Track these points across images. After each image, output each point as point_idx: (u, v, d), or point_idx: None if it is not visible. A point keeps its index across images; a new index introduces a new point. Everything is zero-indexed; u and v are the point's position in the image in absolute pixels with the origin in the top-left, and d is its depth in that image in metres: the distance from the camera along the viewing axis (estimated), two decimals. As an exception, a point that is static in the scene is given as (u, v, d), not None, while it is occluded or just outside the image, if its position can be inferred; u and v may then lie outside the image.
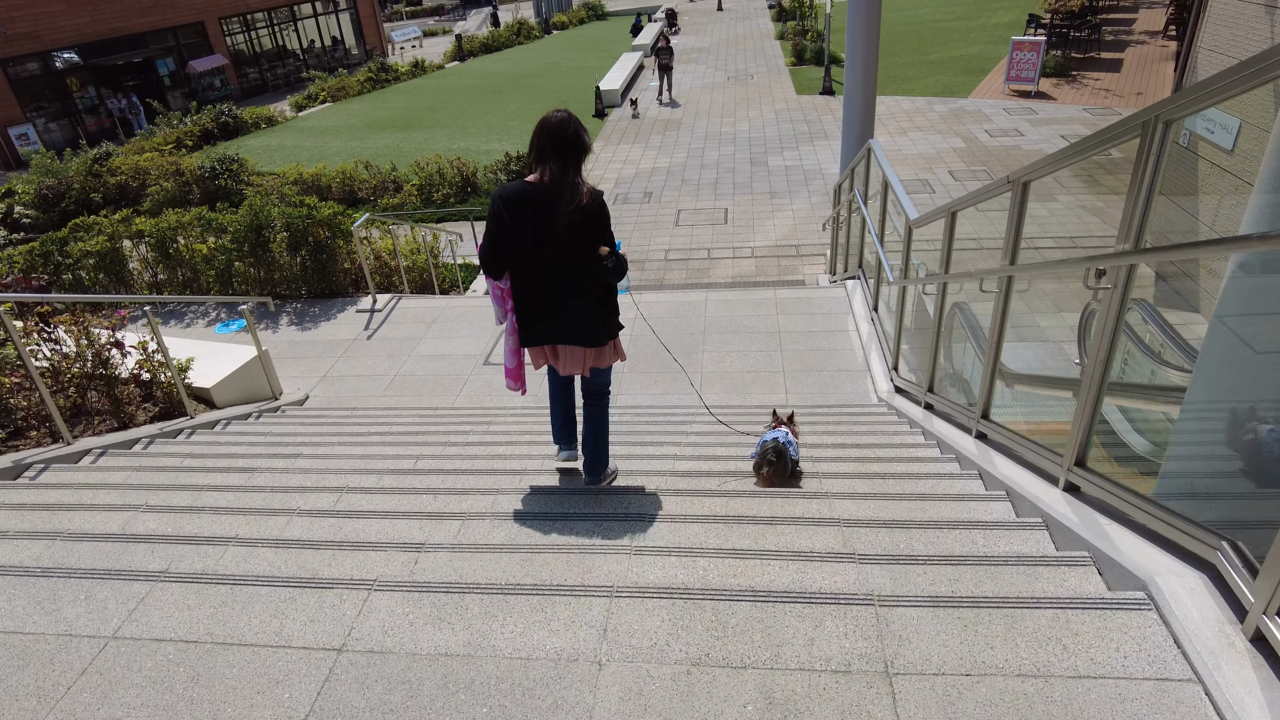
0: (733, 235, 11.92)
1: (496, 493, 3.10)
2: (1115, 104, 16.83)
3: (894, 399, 5.42)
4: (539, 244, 2.85)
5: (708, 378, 6.10)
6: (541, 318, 3.01)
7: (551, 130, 2.86)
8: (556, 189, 2.82)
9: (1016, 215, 3.20)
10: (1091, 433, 2.62)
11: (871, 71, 8.55)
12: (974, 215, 4.39)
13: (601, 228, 2.92)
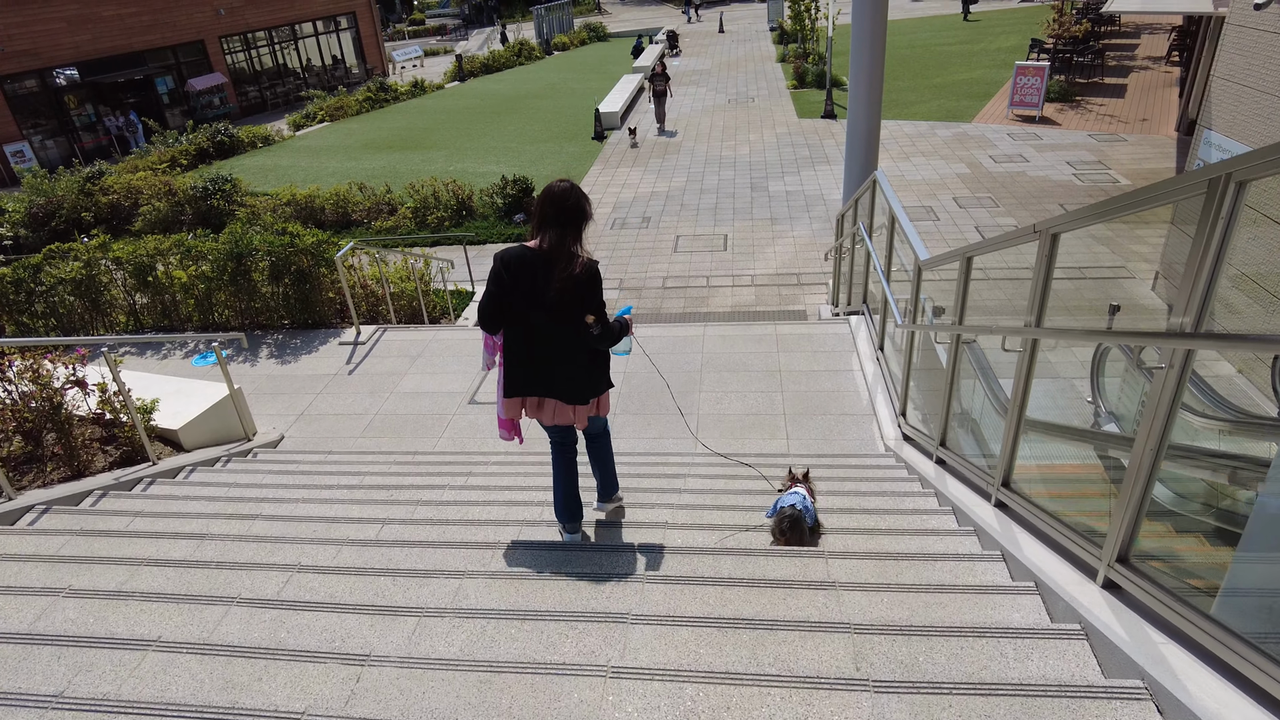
0: (732, 262, 11.64)
1: (462, 577, 2.77)
2: (1120, 130, 16.63)
3: (902, 449, 5.09)
4: (534, 306, 3.02)
5: (704, 420, 5.78)
6: (531, 373, 3.16)
7: (554, 199, 3.01)
8: (554, 256, 2.98)
9: (1044, 270, 2.88)
10: (1138, 526, 2.29)
11: (876, 98, 8.30)
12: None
13: (592, 297, 3.05)
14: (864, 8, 7.78)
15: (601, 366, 3.26)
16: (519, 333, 3.11)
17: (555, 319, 3.03)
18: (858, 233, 7.00)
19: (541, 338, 3.08)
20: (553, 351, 3.11)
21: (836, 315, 8.67)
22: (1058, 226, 2.78)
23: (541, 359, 3.12)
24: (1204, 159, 8.88)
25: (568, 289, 2.97)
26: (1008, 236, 3.33)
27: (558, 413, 3.22)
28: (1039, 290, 2.92)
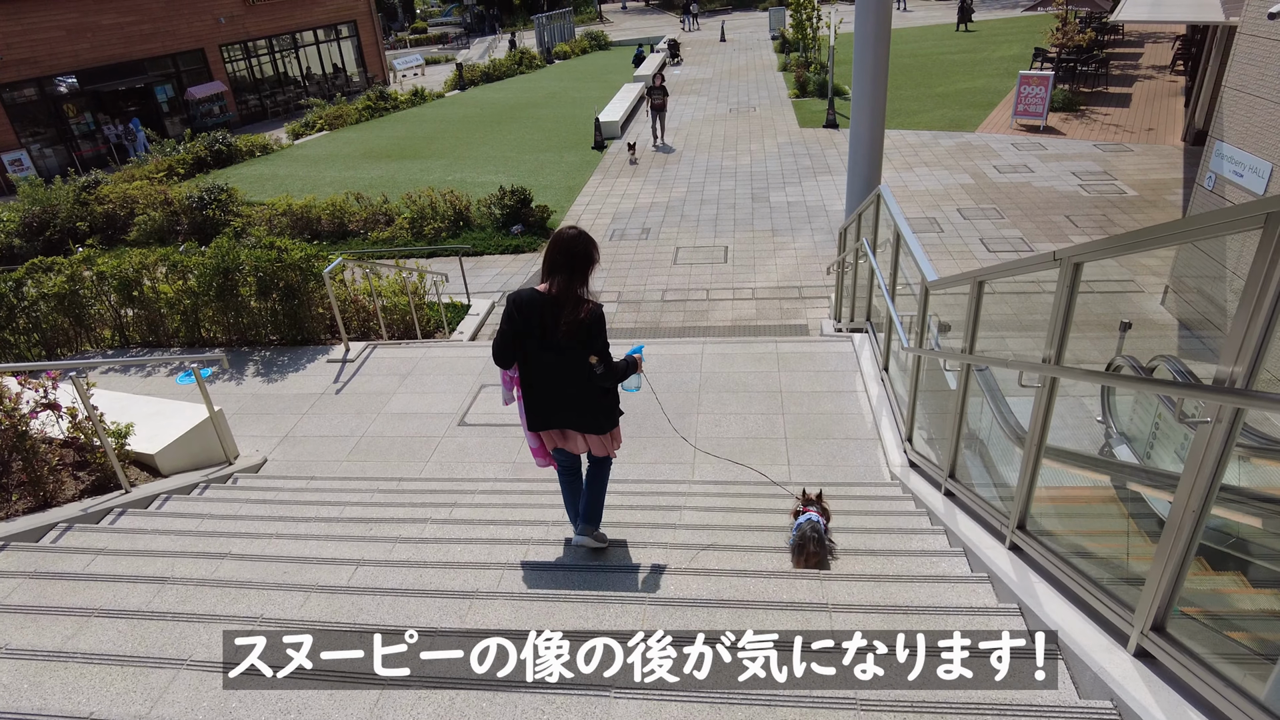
0: (733, 275, 11.44)
1: (434, 635, 2.54)
2: (1126, 140, 16.43)
3: (909, 476, 4.87)
4: (543, 346, 3.21)
5: (702, 443, 5.55)
6: (546, 406, 3.37)
7: (563, 246, 3.16)
8: (562, 300, 3.15)
9: (1065, 302, 2.66)
10: (1176, 591, 2.07)
11: (879, 109, 8.10)
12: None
13: (596, 339, 3.20)
14: (867, 18, 7.59)
15: (611, 400, 3.42)
16: (531, 370, 3.30)
17: (563, 357, 3.22)
18: (861, 248, 6.79)
19: (552, 375, 3.28)
20: (564, 387, 3.31)
21: (839, 331, 8.46)
22: (1081, 255, 2.56)
23: (555, 394, 3.33)
24: (1215, 171, 8.67)
25: (573, 332, 3.14)
26: (1024, 263, 3.11)
27: (579, 442, 3.47)
28: (1059, 324, 2.70)
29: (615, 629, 2.62)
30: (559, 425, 3.41)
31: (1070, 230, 12.00)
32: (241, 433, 6.30)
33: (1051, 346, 2.76)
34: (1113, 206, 12.86)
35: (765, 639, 2.38)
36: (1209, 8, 9.72)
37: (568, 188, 15.85)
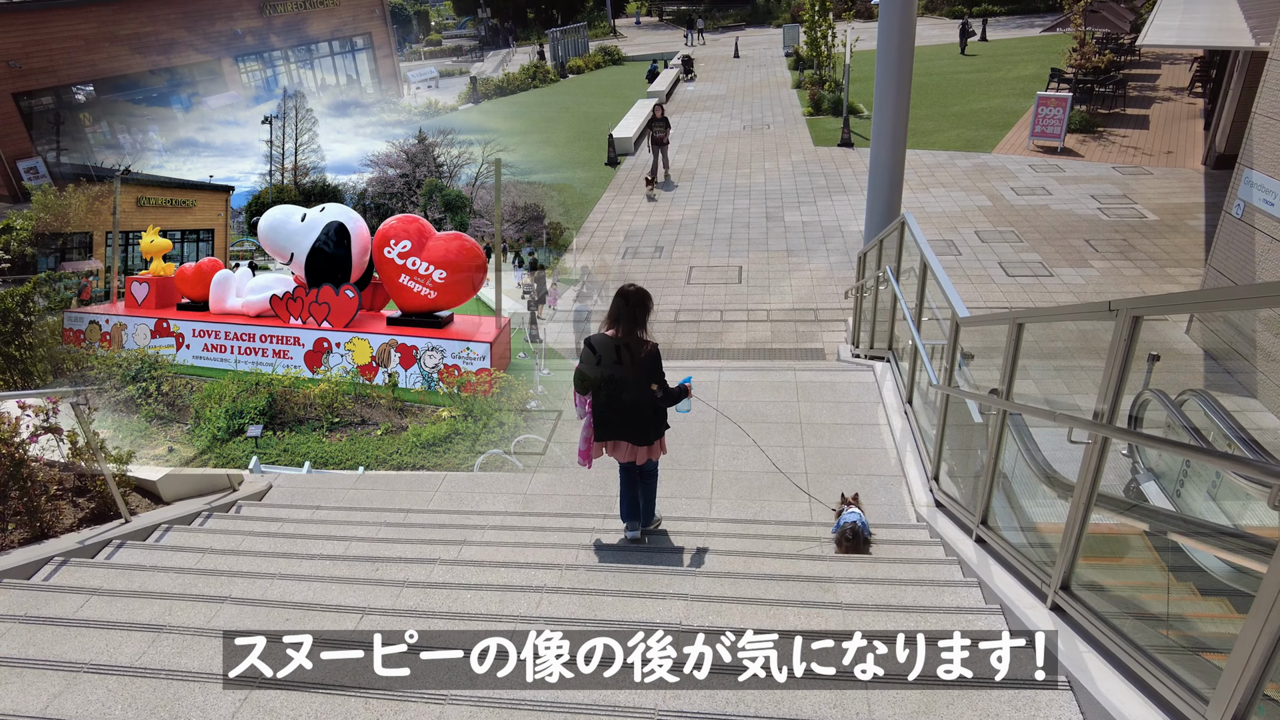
0: (747, 296, 11.28)
1: (444, 703, 2.37)
2: (1145, 163, 16.25)
3: (936, 518, 4.68)
4: (612, 377, 4.10)
5: (719, 478, 5.38)
6: (611, 423, 4.24)
7: (625, 299, 4.10)
8: (628, 342, 4.08)
9: (1122, 356, 2.48)
10: (1260, 688, 1.88)
11: (900, 132, 7.95)
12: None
13: (656, 372, 4.17)
14: (890, 41, 7.45)
15: (661, 418, 4.29)
16: (602, 395, 4.17)
17: (629, 389, 4.13)
18: (883, 275, 6.62)
19: (619, 399, 4.16)
20: (626, 408, 4.18)
21: (857, 356, 8.28)
22: (1142, 308, 2.38)
23: (618, 413, 4.20)
24: (1245, 199, 8.47)
25: (638, 367, 4.07)
26: (1074, 310, 2.95)
27: (629, 451, 4.29)
28: (1113, 379, 2.52)
29: (629, 706, 2.45)
30: (616, 438, 4.27)
31: (1090, 255, 11.81)
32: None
33: (1105, 402, 2.58)
34: (1133, 231, 12.66)
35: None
36: (1236, 33, 9.56)
37: (581, 204, 15.76)
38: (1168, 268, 11.34)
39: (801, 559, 3.80)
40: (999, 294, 10.70)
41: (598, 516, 4.80)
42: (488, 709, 2.45)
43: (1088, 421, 2.65)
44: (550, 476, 5.50)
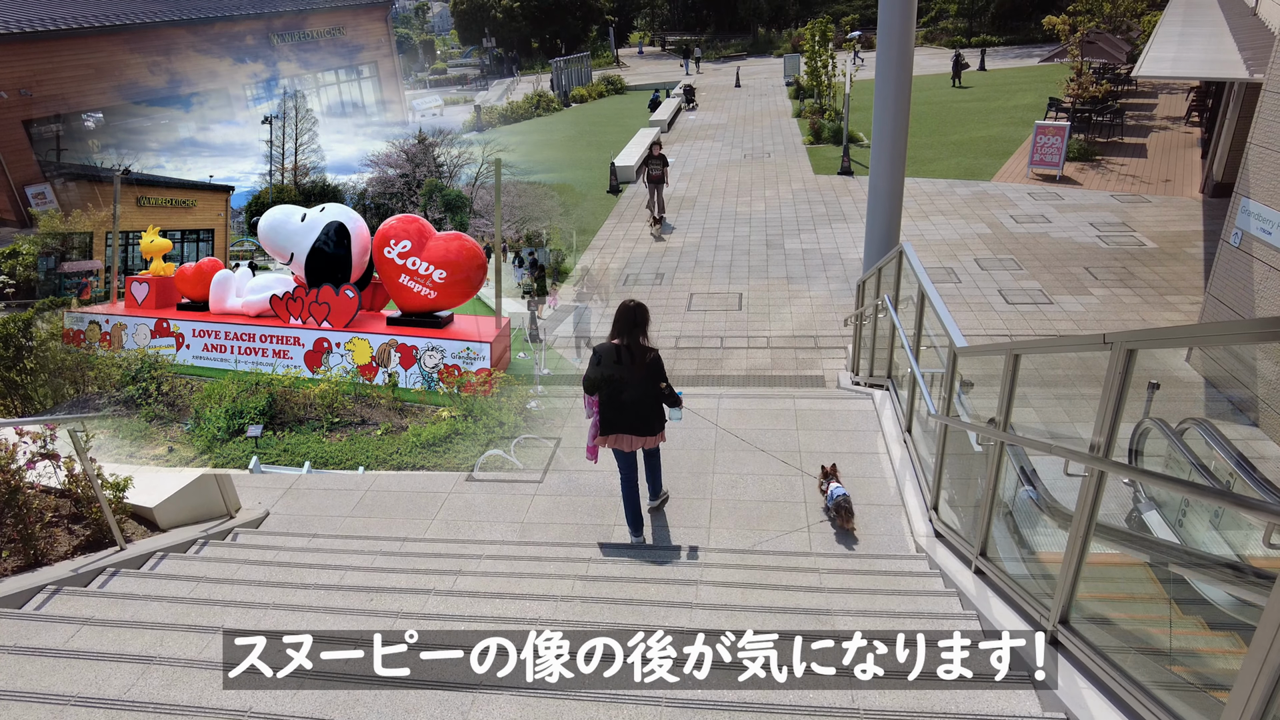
0: (747, 323, 11.30)
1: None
2: (1144, 191, 16.35)
3: (935, 549, 4.65)
4: (618, 382, 4.75)
5: (718, 507, 5.35)
6: (616, 419, 4.83)
7: (627, 314, 4.82)
8: (632, 348, 4.76)
9: (1117, 389, 2.48)
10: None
11: (899, 162, 8.03)
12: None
13: (659, 374, 4.85)
14: (889, 73, 7.55)
15: (661, 413, 4.94)
16: (607, 395, 4.81)
17: (635, 388, 4.78)
18: (882, 303, 6.64)
19: (621, 398, 4.79)
20: (632, 406, 4.81)
21: (857, 384, 8.27)
22: (1136, 341, 2.39)
23: (622, 410, 4.81)
24: (1242, 228, 8.51)
25: (643, 370, 4.76)
26: (1068, 341, 2.95)
27: (631, 443, 4.89)
28: (1109, 411, 2.51)
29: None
30: (622, 431, 4.85)
31: (1090, 282, 11.84)
32: (245, 484, 6.15)
33: (1101, 434, 2.57)
34: (1132, 259, 12.70)
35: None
36: (1231, 64, 9.67)
37: (582, 231, 15.87)
38: (1167, 295, 11.36)
39: (799, 590, 3.77)
40: (999, 322, 10.71)
41: (593, 546, 4.77)
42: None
43: (1084, 455, 2.65)
44: (548, 504, 5.48)
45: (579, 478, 5.78)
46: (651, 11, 65.10)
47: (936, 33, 46.82)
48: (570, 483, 5.72)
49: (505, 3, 49.81)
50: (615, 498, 5.47)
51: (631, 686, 2.70)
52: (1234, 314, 8.61)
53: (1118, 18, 22.66)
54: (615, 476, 5.68)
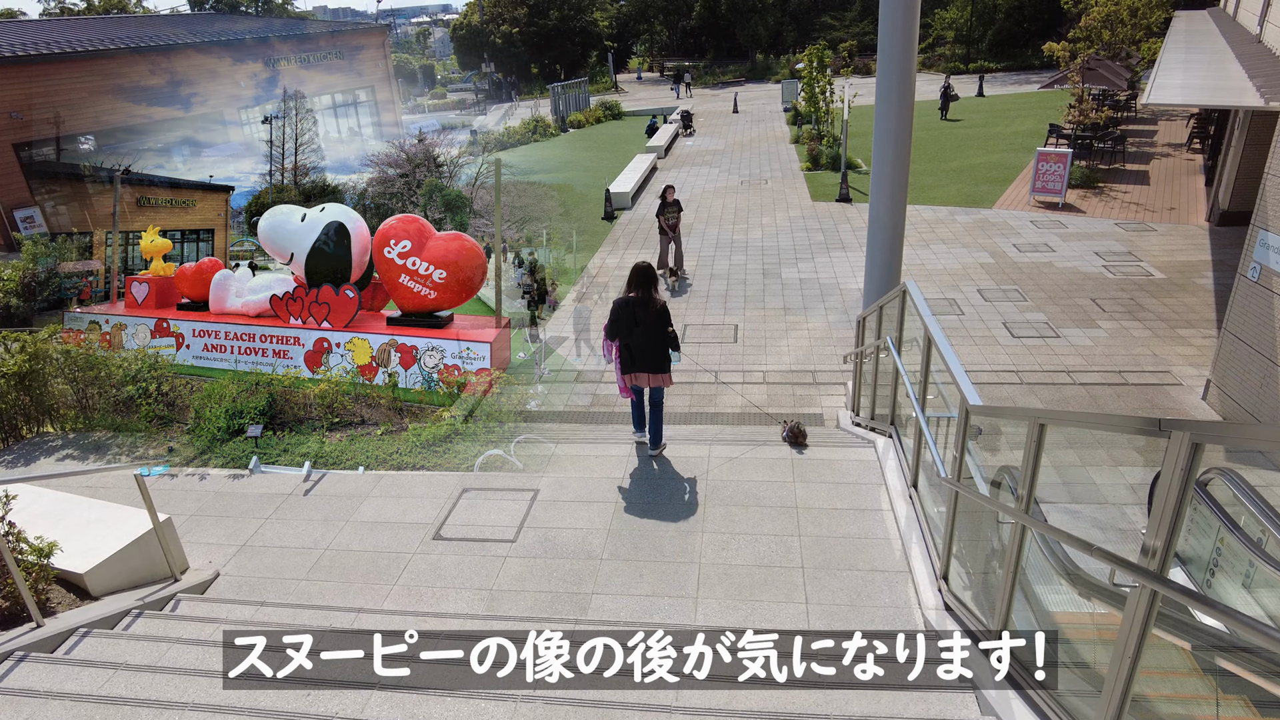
0: (743, 356, 10.87)
1: None
2: (1148, 219, 16.01)
3: (946, 623, 4.18)
4: (634, 325, 6.07)
5: (707, 572, 4.88)
6: (635, 359, 6.19)
7: (640, 272, 6.09)
8: (644, 300, 6.05)
9: (1177, 491, 2.03)
10: None
11: (900, 191, 7.64)
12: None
13: (666, 320, 6.21)
14: (890, 97, 7.19)
15: (667, 354, 6.27)
16: (626, 340, 6.14)
17: (645, 332, 6.08)
18: (884, 344, 6.22)
19: (638, 340, 6.11)
20: (646, 348, 6.13)
21: (857, 424, 7.83)
22: (1205, 434, 1.94)
23: (639, 351, 6.14)
24: (1260, 262, 8.13)
25: (655, 316, 6.09)
26: (1111, 420, 2.49)
27: (648, 380, 6.24)
28: (1168, 514, 2.06)
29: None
30: (639, 369, 6.20)
31: (1097, 314, 11.43)
32: (196, 539, 5.69)
33: (1158, 537, 2.12)
34: (1140, 290, 12.32)
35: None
36: (1242, 92, 9.34)
37: (575, 258, 15.50)
38: (1178, 328, 10.95)
39: (796, 689, 3.30)
40: (1004, 356, 10.29)
41: (569, 621, 4.29)
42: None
43: (1133, 566, 2.19)
44: (521, 568, 5.00)
45: (556, 535, 5.32)
46: (650, 37, 65.47)
47: (934, 58, 46.98)
48: (546, 543, 5.26)
49: (505, 28, 50.03)
50: (594, 560, 5.02)
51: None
52: (1254, 351, 8.19)
53: (1117, 45, 22.51)
54: (593, 535, 5.26)
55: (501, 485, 6.01)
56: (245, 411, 7.23)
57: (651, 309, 6.03)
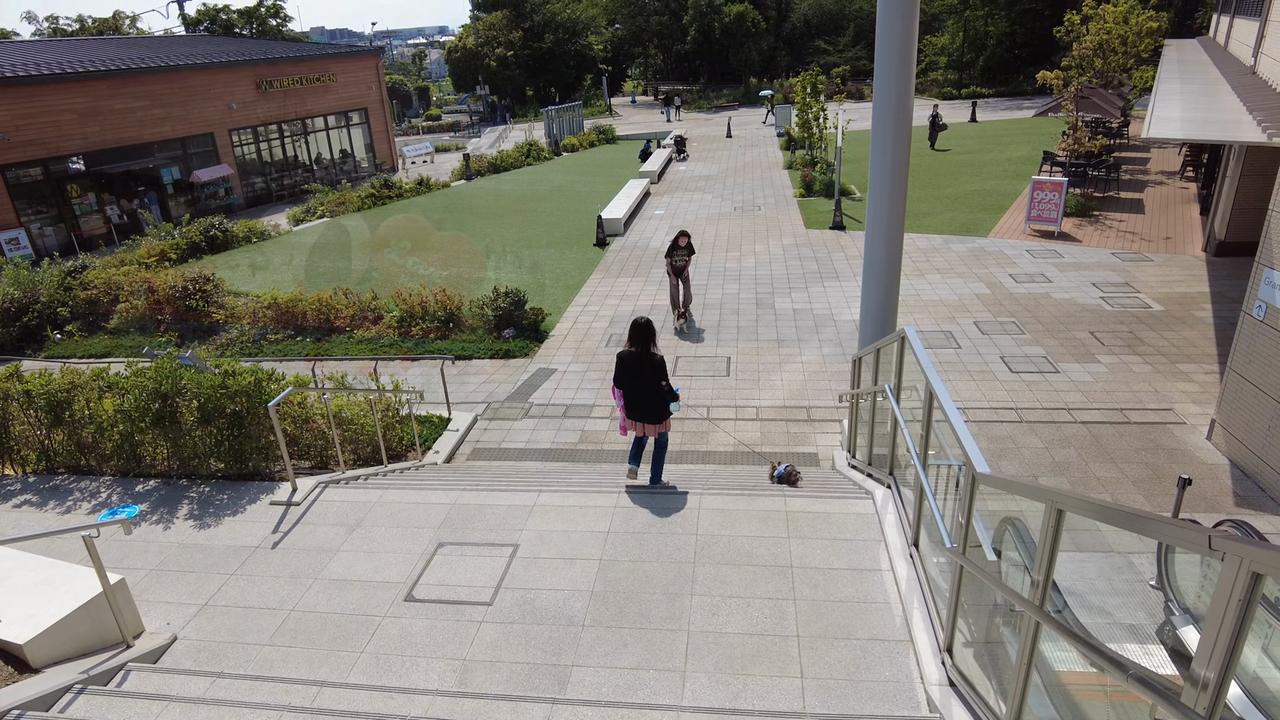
0: (735, 390, 10.60)
1: None
2: (1144, 248, 15.90)
3: (950, 705, 3.87)
4: (635, 377, 6.45)
5: (696, 641, 4.57)
6: (635, 408, 6.56)
7: (639, 328, 6.45)
8: (643, 355, 6.42)
9: (1234, 624, 1.75)
10: None
11: (897, 225, 7.40)
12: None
13: (663, 374, 6.47)
14: (886, 126, 6.99)
15: (665, 405, 6.53)
16: (628, 391, 6.52)
17: (644, 385, 6.44)
18: (883, 392, 5.95)
19: (637, 391, 6.48)
20: (643, 399, 6.49)
21: (854, 467, 7.55)
22: (1267, 564, 1.66)
23: (638, 402, 6.51)
24: (1266, 300, 7.92)
25: (653, 371, 6.41)
26: (1145, 523, 2.20)
27: (645, 429, 6.65)
28: (1220, 656, 1.78)
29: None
30: (638, 419, 6.58)
31: (1096, 349, 11.22)
32: (155, 598, 5.35)
33: (1210, 668, 1.84)
34: (1139, 323, 12.13)
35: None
36: (1243, 126, 9.20)
37: (566, 286, 15.27)
38: (1179, 364, 10.74)
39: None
40: (1003, 392, 10.05)
41: (546, 702, 3.97)
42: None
43: (1175, 688, 1.90)
44: (497, 635, 4.68)
45: (536, 598, 5.00)
46: (645, 61, 65.91)
47: (927, 84, 47.30)
48: (525, 605, 4.94)
49: (500, 51, 50.20)
50: (575, 627, 4.70)
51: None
52: (1260, 392, 7.97)
53: (1109, 73, 22.57)
54: (576, 598, 4.96)
55: (479, 540, 5.69)
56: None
57: (648, 364, 6.36)
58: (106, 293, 15.97)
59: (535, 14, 52.18)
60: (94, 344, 14.40)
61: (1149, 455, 8.61)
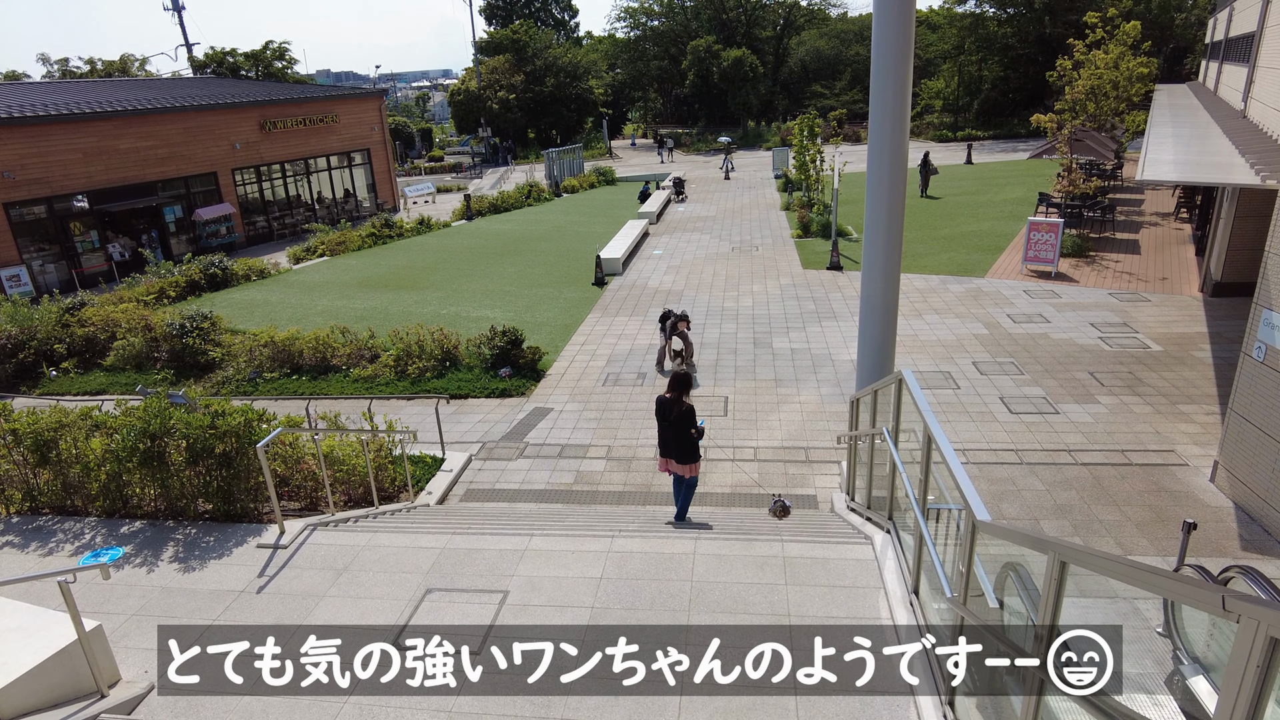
0: (732, 430, 10.50)
1: None
2: (1141, 289, 15.94)
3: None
4: (664, 419, 7.36)
5: (689, 707, 4.41)
6: (664, 445, 7.50)
7: (676, 378, 7.38)
8: (674, 401, 7.30)
9: (1252, 690, 1.65)
10: None
11: (893, 266, 7.39)
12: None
13: (691, 420, 7.29)
14: (882, 168, 7.02)
15: (695, 447, 7.39)
16: (660, 428, 7.44)
17: (675, 427, 7.29)
18: (880, 435, 5.87)
19: (667, 432, 7.38)
20: (672, 441, 7.38)
21: (853, 510, 7.43)
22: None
23: (669, 442, 7.41)
24: (1266, 341, 7.88)
25: (679, 416, 7.27)
26: (1158, 583, 2.11)
27: (676, 467, 7.52)
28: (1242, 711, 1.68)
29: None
30: (666, 455, 7.49)
31: (1096, 389, 11.15)
32: (134, 644, 5.19)
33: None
34: (1138, 363, 12.08)
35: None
36: (1237, 169, 9.26)
37: (564, 325, 15.25)
38: (1179, 404, 10.66)
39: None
40: (1003, 434, 9.95)
41: (532, 759, 3.81)
42: None
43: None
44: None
45: (526, 648, 4.84)
46: (645, 104, 67.05)
47: (923, 127, 48.02)
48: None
49: (502, 94, 51.05)
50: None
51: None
52: (1263, 434, 7.88)
53: (1101, 116, 22.90)
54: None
55: (468, 585, 5.55)
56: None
57: (677, 410, 7.25)
58: (104, 329, 15.95)
59: (537, 58, 53.18)
60: (89, 380, 14.32)
61: (1152, 497, 8.48)
